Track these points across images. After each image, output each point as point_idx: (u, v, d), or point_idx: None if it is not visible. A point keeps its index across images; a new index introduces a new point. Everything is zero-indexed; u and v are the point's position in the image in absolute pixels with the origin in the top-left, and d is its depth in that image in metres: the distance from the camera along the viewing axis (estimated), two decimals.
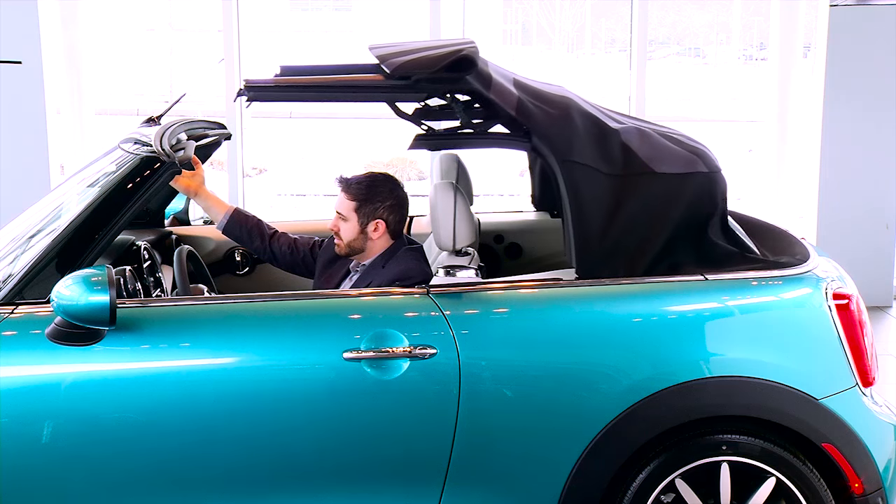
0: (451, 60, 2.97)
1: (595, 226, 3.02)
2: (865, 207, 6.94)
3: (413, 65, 3.00)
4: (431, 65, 2.98)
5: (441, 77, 3.00)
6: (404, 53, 3.10)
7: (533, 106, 3.07)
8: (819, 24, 6.94)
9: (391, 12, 27.49)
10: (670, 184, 3.06)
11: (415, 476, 2.89)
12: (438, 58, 2.99)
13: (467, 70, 3.00)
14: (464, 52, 2.98)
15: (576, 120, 3.08)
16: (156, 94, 20.32)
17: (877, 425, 3.03)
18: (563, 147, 3.03)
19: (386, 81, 3.07)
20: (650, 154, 3.07)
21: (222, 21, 7.14)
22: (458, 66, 2.98)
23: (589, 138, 3.06)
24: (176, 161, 3.12)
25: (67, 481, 2.81)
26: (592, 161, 3.02)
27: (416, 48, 3.16)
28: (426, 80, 3.02)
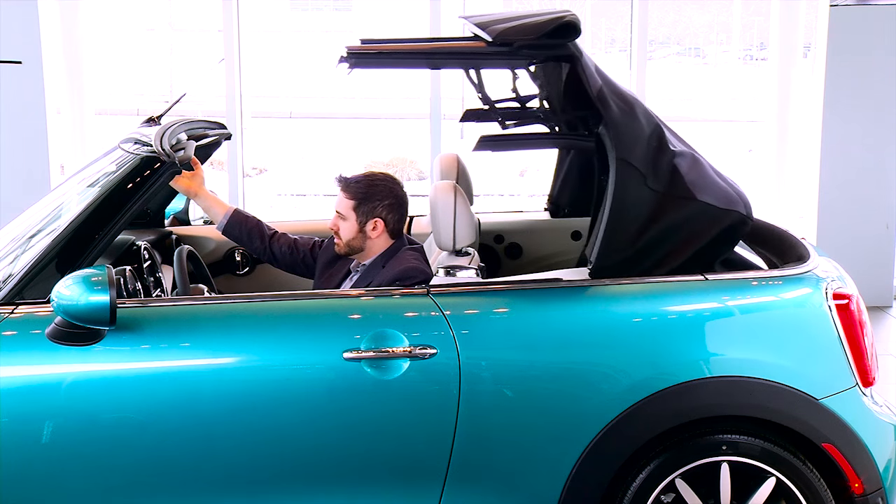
0: (555, 26, 3.00)
1: (627, 231, 3.04)
2: (865, 207, 6.94)
3: (516, 31, 3.03)
4: (535, 31, 3.01)
5: (544, 43, 3.03)
6: (504, 21, 3.12)
7: (610, 95, 3.10)
8: (819, 24, 6.94)
9: (391, 12, 27.49)
10: (707, 213, 3.08)
11: (415, 476, 2.89)
12: (542, 24, 3.02)
13: (570, 36, 3.03)
14: (566, 18, 3.02)
15: (643, 124, 3.12)
16: (156, 94, 20.33)
17: (877, 425, 3.03)
18: (626, 145, 3.06)
19: (488, 48, 3.08)
20: (696, 181, 3.10)
21: (222, 21, 7.14)
22: (561, 32, 3.01)
23: (648, 148, 3.09)
24: (176, 161, 3.12)
25: (67, 481, 2.81)
26: (644, 169, 3.05)
27: (514, 16, 3.18)
28: (529, 45, 3.04)
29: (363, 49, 3.05)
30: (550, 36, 3.00)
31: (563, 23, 3.00)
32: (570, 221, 4.51)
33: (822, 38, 6.86)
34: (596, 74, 3.13)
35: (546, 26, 3.00)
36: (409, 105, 18.81)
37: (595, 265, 3.05)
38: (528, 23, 3.05)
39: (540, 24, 3.02)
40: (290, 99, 20.72)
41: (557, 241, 4.49)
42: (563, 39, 3.03)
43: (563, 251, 4.48)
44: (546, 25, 3.01)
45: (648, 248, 3.04)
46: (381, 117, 19.39)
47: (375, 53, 3.03)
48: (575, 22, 3.01)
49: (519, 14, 3.22)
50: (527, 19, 3.09)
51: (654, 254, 3.05)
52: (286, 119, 19.35)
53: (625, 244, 3.03)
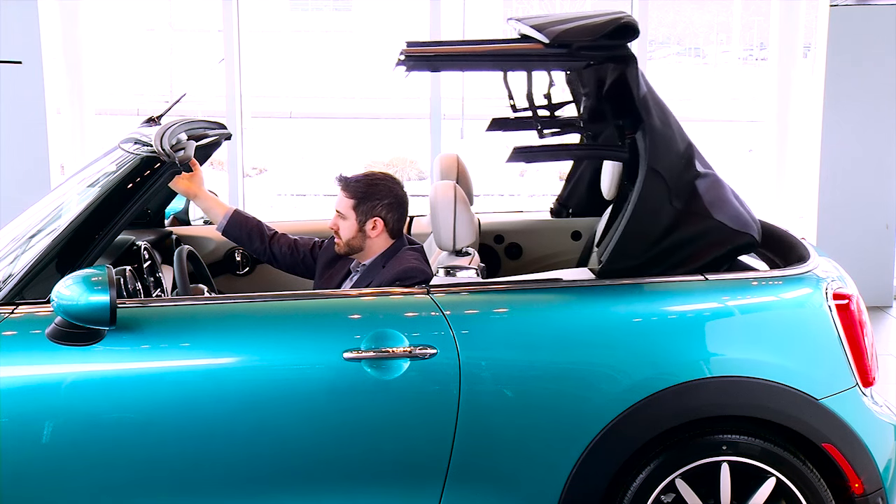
0: (615, 27, 3.02)
1: (643, 240, 3.04)
2: (865, 207, 6.93)
3: (574, 32, 3.04)
4: (594, 32, 3.03)
5: (603, 45, 3.04)
6: (558, 23, 3.14)
7: (652, 103, 3.12)
8: (819, 24, 6.94)
9: (391, 12, 27.49)
10: (721, 232, 3.09)
11: (415, 476, 2.89)
12: (600, 25, 3.04)
13: (629, 37, 3.05)
14: (625, 20, 3.04)
15: (677, 138, 3.13)
16: (156, 94, 20.33)
17: (877, 425, 3.03)
18: (658, 155, 3.06)
19: (545, 50, 3.09)
20: (714, 201, 3.12)
21: (222, 21, 7.14)
22: (620, 34, 3.03)
23: (678, 164, 3.10)
24: (176, 161, 3.12)
25: (67, 481, 2.81)
26: (670, 182, 3.06)
27: (568, 18, 3.20)
28: (588, 47, 3.05)
29: (420, 52, 3.06)
30: (609, 37, 3.03)
31: (621, 24, 3.02)
32: (570, 221, 4.51)
33: (822, 38, 6.86)
34: (642, 79, 3.15)
35: (605, 27, 3.03)
36: (409, 105, 18.81)
37: (604, 267, 3.05)
38: (585, 24, 3.07)
39: (599, 26, 3.04)
40: (290, 99, 20.72)
41: (557, 241, 4.49)
42: (622, 40, 3.05)
43: (563, 251, 4.48)
44: (605, 27, 3.03)
45: (659, 258, 3.06)
46: (381, 117, 19.39)
47: (432, 56, 3.05)
48: (633, 24, 3.04)
49: (571, 16, 3.23)
50: (583, 21, 3.11)
51: (662, 263, 3.06)
52: (286, 119, 19.35)
53: (638, 252, 3.04)
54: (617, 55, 3.10)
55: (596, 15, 3.19)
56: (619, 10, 3.22)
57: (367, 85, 22.84)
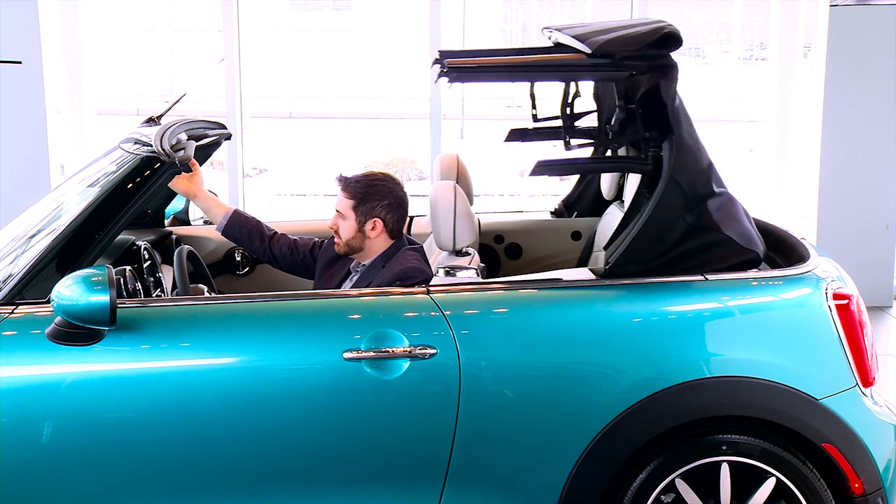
0: (658, 37, 3.03)
1: (653, 248, 3.05)
2: (865, 207, 6.93)
3: (617, 42, 3.05)
4: (637, 42, 3.04)
5: (646, 54, 3.05)
6: (600, 32, 3.14)
7: (683, 115, 3.14)
8: (819, 24, 6.93)
9: (391, 12, 27.49)
10: (728, 247, 3.10)
11: (415, 476, 2.89)
12: (643, 34, 3.05)
13: (673, 47, 3.06)
14: (667, 29, 3.05)
15: (701, 155, 3.13)
16: (156, 94, 20.34)
17: (877, 425, 3.03)
18: (681, 168, 3.07)
19: (588, 60, 3.10)
20: (724, 217, 3.12)
21: (222, 21, 7.14)
22: (663, 43, 3.04)
23: (699, 177, 3.10)
24: (176, 161, 3.12)
25: (67, 481, 2.81)
26: (688, 194, 3.07)
27: (609, 28, 3.20)
28: (631, 57, 3.05)
29: (463, 63, 3.06)
30: (652, 47, 3.03)
31: (665, 34, 3.03)
32: (570, 221, 4.51)
33: (822, 38, 6.86)
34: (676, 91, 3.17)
35: (648, 37, 3.04)
36: (409, 105, 18.82)
37: (610, 269, 3.06)
38: (628, 34, 3.07)
39: (641, 35, 3.05)
40: (290, 99, 20.73)
41: (557, 241, 4.49)
42: (665, 50, 3.06)
43: (563, 251, 4.48)
44: (648, 36, 3.04)
45: (665, 265, 3.06)
46: (381, 117, 19.39)
47: (475, 67, 3.04)
48: (676, 33, 3.05)
49: (609, 25, 3.24)
50: (625, 31, 3.11)
51: (668, 271, 3.07)
52: (286, 119, 19.35)
53: (647, 258, 3.05)
54: (661, 65, 3.10)
55: (635, 24, 3.19)
56: (658, 20, 3.22)
57: (367, 85, 22.84)
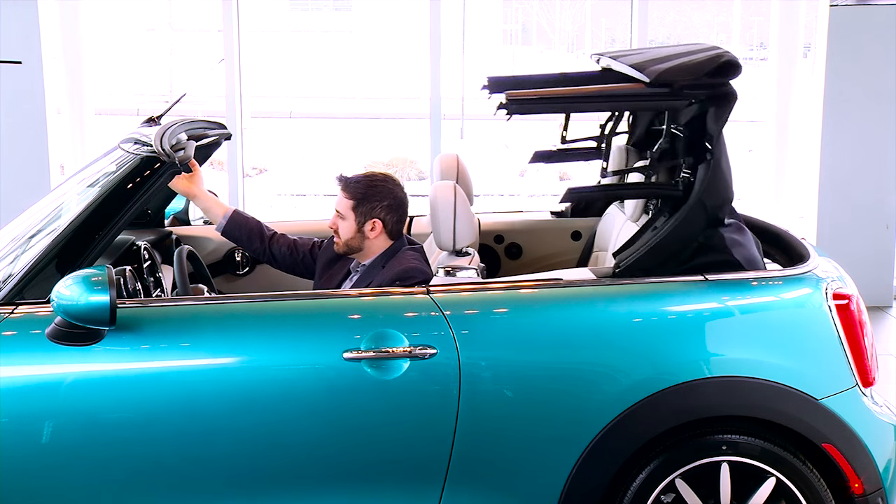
0: (718, 65, 3.05)
1: (669, 259, 3.07)
2: (865, 207, 6.93)
3: (676, 71, 3.07)
4: (696, 70, 3.06)
5: (706, 83, 3.07)
6: (657, 61, 3.16)
7: (723, 139, 3.16)
8: (819, 24, 6.93)
9: (391, 12, 27.49)
10: (734, 269, 3.12)
11: (415, 476, 2.89)
12: (702, 63, 3.07)
13: (732, 75, 3.07)
14: (726, 57, 3.07)
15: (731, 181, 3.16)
16: (156, 94, 20.35)
17: (877, 425, 3.03)
18: (711, 192, 3.08)
19: (647, 89, 3.11)
20: (734, 242, 3.15)
21: (222, 21, 7.14)
22: (722, 71, 3.06)
23: (723, 203, 3.13)
24: (176, 161, 3.12)
25: (67, 481, 2.81)
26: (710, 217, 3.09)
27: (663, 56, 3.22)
28: (690, 86, 3.07)
29: (523, 95, 3.07)
30: (712, 75, 3.04)
31: (724, 62, 3.05)
32: (570, 221, 4.52)
33: (822, 38, 6.86)
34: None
35: (707, 66, 3.05)
36: (409, 105, 18.82)
37: (626, 267, 3.07)
38: (687, 63, 3.09)
39: (701, 64, 3.07)
40: (290, 99, 20.74)
41: (557, 241, 4.50)
42: (725, 78, 3.07)
43: (563, 251, 4.48)
44: (707, 65, 3.05)
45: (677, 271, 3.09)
46: (381, 117, 19.40)
47: (536, 100, 3.05)
48: (735, 61, 3.06)
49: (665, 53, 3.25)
50: (683, 59, 3.13)
51: (668, 272, 3.09)
52: (286, 119, 19.36)
53: (655, 266, 3.07)
54: (721, 93, 3.11)
55: (691, 52, 3.21)
56: (713, 46, 3.24)
57: (367, 85, 22.85)
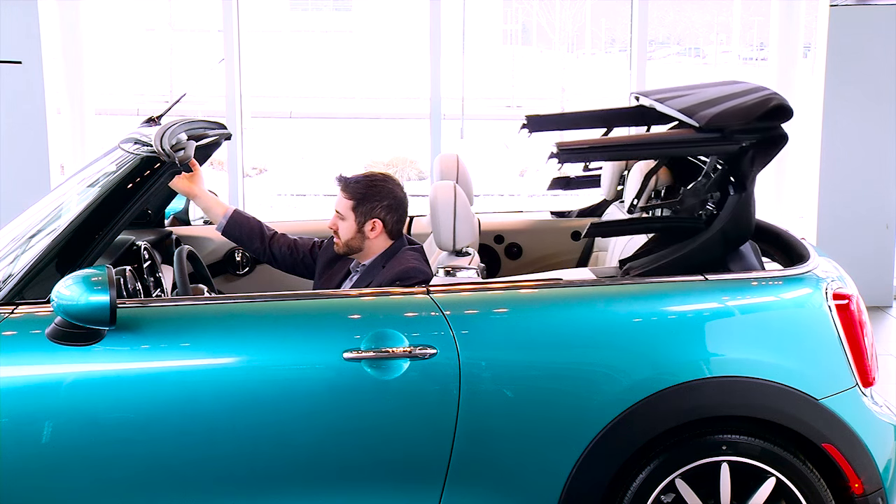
0: (769, 109, 3.06)
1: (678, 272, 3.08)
2: (865, 207, 6.93)
3: (727, 116, 3.08)
4: (747, 115, 3.07)
5: (757, 127, 3.08)
6: (706, 104, 3.17)
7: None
8: (819, 24, 6.94)
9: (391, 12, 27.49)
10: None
11: (415, 476, 2.89)
12: (753, 106, 3.09)
13: (783, 119, 3.09)
14: (777, 100, 3.08)
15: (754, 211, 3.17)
16: (156, 94, 20.35)
17: (877, 425, 3.03)
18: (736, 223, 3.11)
19: (698, 135, 3.11)
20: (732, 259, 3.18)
21: (222, 21, 7.14)
22: (773, 115, 3.07)
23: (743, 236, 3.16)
24: (176, 161, 3.12)
25: (68, 481, 2.81)
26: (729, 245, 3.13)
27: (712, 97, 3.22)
28: (742, 130, 3.07)
29: (575, 145, 3.08)
30: (763, 119, 3.05)
31: (775, 106, 3.06)
32: (570, 221, 4.52)
33: (822, 38, 6.86)
34: None
35: (758, 109, 3.07)
36: (409, 105, 18.82)
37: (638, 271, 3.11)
38: (737, 106, 3.10)
39: (751, 108, 3.08)
40: (290, 99, 20.74)
41: (557, 241, 4.50)
42: (776, 122, 3.08)
43: (563, 251, 4.48)
44: (758, 108, 3.07)
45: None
46: (381, 117, 19.40)
47: (587, 149, 3.07)
48: (786, 104, 3.08)
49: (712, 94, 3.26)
50: (732, 102, 3.14)
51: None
52: (286, 119, 19.36)
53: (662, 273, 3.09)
54: (772, 136, 3.12)
55: (738, 94, 3.22)
56: (759, 87, 3.27)
57: (367, 85, 22.85)
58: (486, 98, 21.96)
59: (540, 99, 22.01)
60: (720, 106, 3.13)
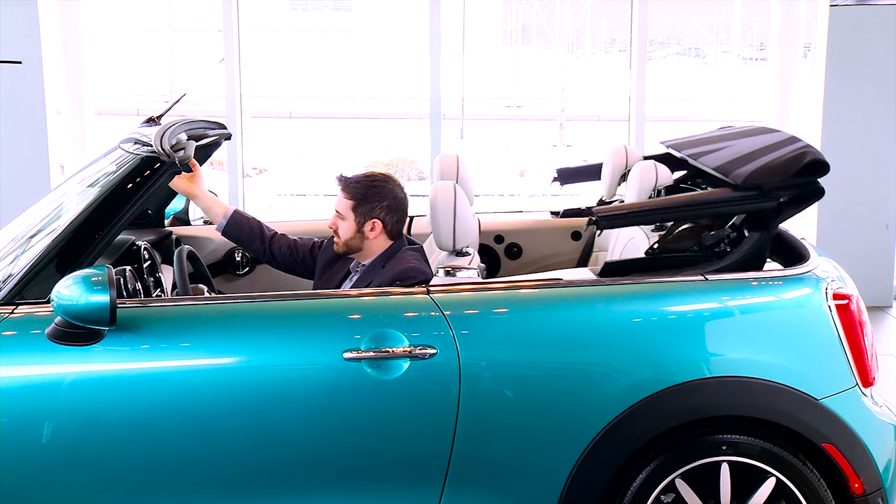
0: (805, 165, 3.07)
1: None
2: (865, 207, 6.93)
3: (764, 174, 3.09)
4: (783, 172, 3.09)
5: (794, 183, 3.09)
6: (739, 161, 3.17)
7: None
8: (819, 24, 6.94)
9: (391, 12, 27.50)
10: None
11: (415, 476, 2.89)
12: (789, 162, 3.09)
13: (820, 173, 3.10)
14: (812, 155, 3.09)
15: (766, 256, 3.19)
16: (156, 94, 20.36)
17: (877, 425, 3.03)
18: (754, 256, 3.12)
19: (735, 194, 3.12)
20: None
21: (222, 21, 7.14)
22: (810, 171, 3.09)
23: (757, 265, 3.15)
24: (176, 161, 3.12)
25: (67, 481, 2.81)
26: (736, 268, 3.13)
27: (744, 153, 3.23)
28: (779, 187, 3.09)
29: (612, 211, 3.10)
30: (799, 175, 3.07)
31: (811, 161, 3.07)
32: (570, 221, 4.52)
33: (822, 38, 6.86)
34: None
35: (794, 165, 3.08)
36: (409, 105, 18.83)
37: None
38: (773, 164, 3.11)
39: (787, 164, 3.09)
40: (290, 99, 20.75)
41: (557, 241, 4.50)
42: (813, 177, 3.10)
43: (563, 251, 4.48)
44: (794, 164, 3.08)
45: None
46: (381, 117, 19.40)
47: (625, 214, 3.08)
48: (821, 158, 3.09)
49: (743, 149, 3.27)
50: (766, 158, 3.14)
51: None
52: (286, 119, 19.37)
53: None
54: (810, 191, 3.13)
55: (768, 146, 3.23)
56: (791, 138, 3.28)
57: (367, 85, 22.86)
58: (486, 98, 21.97)
59: (540, 99, 22.02)
60: (755, 163, 3.13)
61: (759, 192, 3.09)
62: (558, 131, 17.94)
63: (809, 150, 3.13)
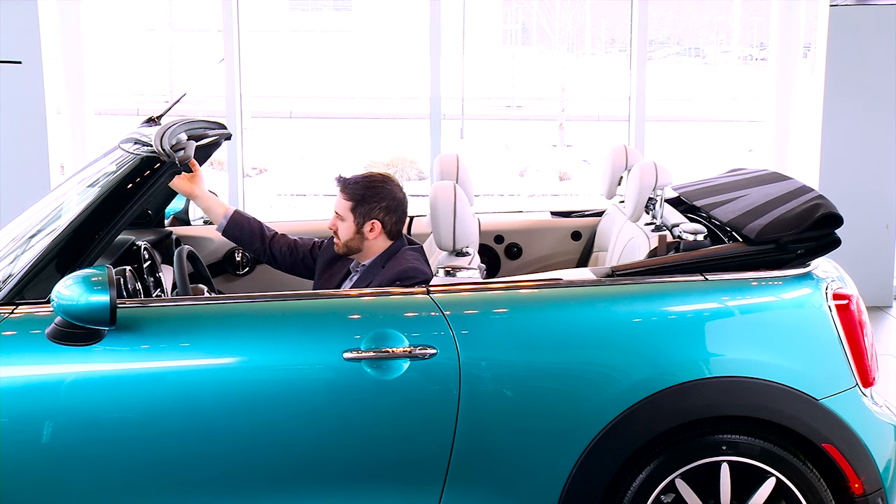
0: (817, 219, 3.07)
1: None
2: (865, 207, 6.93)
3: (778, 227, 3.09)
4: (797, 225, 3.08)
5: (810, 236, 3.08)
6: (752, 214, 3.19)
7: None
8: (819, 24, 6.94)
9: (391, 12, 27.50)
10: None
11: (415, 476, 2.89)
12: (801, 216, 3.09)
13: (834, 226, 3.09)
14: (826, 208, 3.09)
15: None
16: (156, 94, 20.36)
17: (877, 425, 3.03)
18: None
19: (750, 248, 3.13)
20: None
21: (222, 21, 7.14)
22: (823, 224, 3.08)
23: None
24: (176, 161, 3.12)
25: (67, 481, 2.81)
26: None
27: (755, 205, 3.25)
28: (794, 241, 3.09)
29: (630, 268, 3.11)
30: (812, 228, 3.07)
31: (823, 215, 3.07)
32: (570, 221, 4.52)
33: (822, 38, 6.86)
34: None
35: (807, 218, 3.08)
36: (409, 105, 18.84)
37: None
38: (786, 217, 3.11)
39: (799, 217, 3.09)
40: (290, 99, 20.75)
41: (557, 241, 4.50)
42: (827, 230, 3.09)
43: (563, 251, 4.48)
44: (806, 217, 3.08)
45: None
46: (381, 117, 19.41)
47: (646, 270, 3.09)
48: (833, 211, 3.08)
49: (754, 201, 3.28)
50: (779, 211, 3.15)
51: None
52: (286, 119, 19.37)
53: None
54: (826, 243, 3.12)
55: (780, 197, 3.24)
56: (802, 186, 3.29)
57: (367, 85, 22.86)
58: (486, 98, 21.98)
59: (540, 99, 22.02)
60: (768, 216, 3.14)
61: (777, 246, 3.09)
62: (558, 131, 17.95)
63: (820, 202, 3.14)
